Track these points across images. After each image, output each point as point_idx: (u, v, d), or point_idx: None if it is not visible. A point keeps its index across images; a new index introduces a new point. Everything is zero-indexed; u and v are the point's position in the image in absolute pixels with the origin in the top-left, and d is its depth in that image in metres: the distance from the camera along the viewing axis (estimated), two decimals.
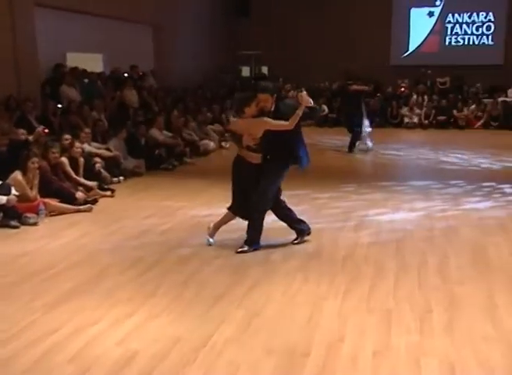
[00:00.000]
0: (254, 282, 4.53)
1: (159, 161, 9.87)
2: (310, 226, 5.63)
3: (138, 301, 4.17)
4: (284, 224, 5.57)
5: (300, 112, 5.03)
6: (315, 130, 15.71)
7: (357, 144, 11.96)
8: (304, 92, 5.28)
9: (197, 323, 3.82)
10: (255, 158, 5.17)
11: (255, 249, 5.29)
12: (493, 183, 8.51)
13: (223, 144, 12.35)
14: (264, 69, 20.51)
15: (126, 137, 9.56)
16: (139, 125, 10.13)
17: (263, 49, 19.10)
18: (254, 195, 5.19)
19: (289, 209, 5.52)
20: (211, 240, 5.49)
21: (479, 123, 16.52)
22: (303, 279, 4.62)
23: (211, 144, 11.94)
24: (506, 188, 8.21)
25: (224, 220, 5.49)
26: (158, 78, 14.46)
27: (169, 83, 14.76)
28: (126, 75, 13.25)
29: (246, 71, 20.47)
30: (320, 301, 4.17)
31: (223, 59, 19.02)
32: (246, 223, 5.38)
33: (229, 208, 5.44)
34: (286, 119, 5.05)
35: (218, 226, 5.50)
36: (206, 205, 7.19)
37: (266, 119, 5.07)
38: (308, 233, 5.60)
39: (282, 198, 5.49)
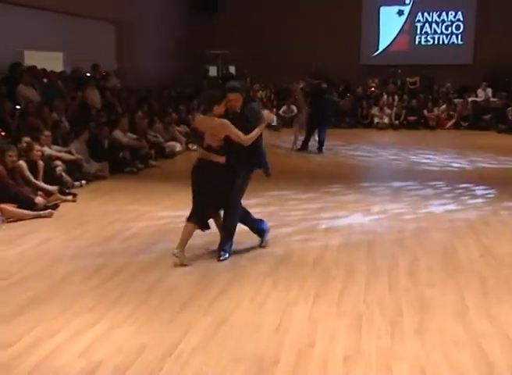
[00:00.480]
0: (222, 288, 4.53)
1: (123, 164, 9.78)
2: (277, 228, 5.65)
3: (101, 310, 4.12)
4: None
5: (259, 131, 5.04)
6: (284, 131, 15.83)
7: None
8: (266, 111, 5.22)
9: (162, 331, 3.79)
10: (220, 158, 5.07)
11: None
12: (464, 185, 8.70)
13: (190, 146, 12.31)
14: (232, 69, 20.56)
15: (88, 139, 9.44)
16: (102, 126, 10.03)
17: (230, 48, 19.11)
18: (226, 202, 5.14)
19: (247, 211, 5.50)
20: (185, 263, 5.06)
21: (450, 124, 16.87)
22: (272, 284, 4.62)
23: (178, 146, 11.89)
24: (477, 189, 8.41)
25: (186, 236, 5.10)
26: (121, 78, 14.34)
27: (133, 83, 14.67)
28: (88, 74, 13.10)
29: (213, 71, 20.49)
30: (289, 306, 4.18)
31: (190, 59, 18.98)
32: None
33: (188, 219, 5.18)
34: (248, 125, 4.99)
35: (184, 243, 5.09)
36: (172, 209, 7.15)
37: (227, 123, 4.97)
38: (267, 231, 5.61)
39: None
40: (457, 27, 19.59)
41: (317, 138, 12.27)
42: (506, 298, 4.35)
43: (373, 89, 18.53)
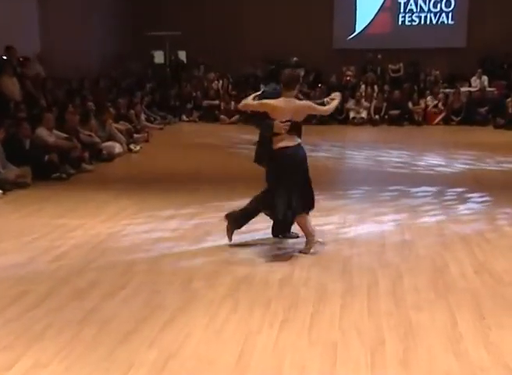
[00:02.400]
0: (170, 316, 4.53)
1: (50, 168, 9.68)
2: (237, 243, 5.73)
3: (21, 346, 4.07)
4: (205, 244, 5.63)
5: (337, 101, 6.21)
6: (245, 128, 15.92)
7: None
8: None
9: (98, 369, 3.77)
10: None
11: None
12: (456, 190, 8.89)
13: (132, 146, 12.27)
14: (182, 55, 20.54)
15: (5, 138, 9.32)
16: (21, 123, 9.90)
17: (180, 30, 19.03)
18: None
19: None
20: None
21: (439, 118, 17.17)
22: (231, 308, 4.65)
23: (117, 147, 11.84)
24: (471, 195, 8.59)
25: (307, 225, 6.00)
26: (46, 64, 14.17)
27: (61, 71, 14.52)
28: (4, 58, 12.78)
29: (159, 57, 20.40)
30: (252, 334, 4.22)
31: (130, 42, 18.89)
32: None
33: (298, 213, 5.89)
34: None
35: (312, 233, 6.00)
36: (111, 221, 7.13)
37: (311, 103, 6.07)
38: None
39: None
40: (448, 4, 19.96)
41: None
42: (506, 322, 4.45)
43: (349, 78, 18.78)
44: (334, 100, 6.16)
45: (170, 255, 5.96)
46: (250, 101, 5.95)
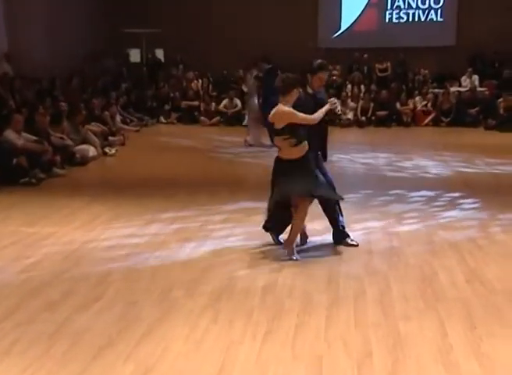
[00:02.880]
0: (148, 327, 4.52)
1: (18, 173, 9.61)
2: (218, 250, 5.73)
3: None
4: (184, 251, 5.61)
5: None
6: (226, 130, 15.93)
7: None
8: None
9: None
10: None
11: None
12: (446, 195, 8.94)
13: (107, 149, 12.22)
14: (160, 53, 20.49)
15: None
16: None
17: (158, 27, 18.99)
18: None
19: None
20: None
21: (428, 119, 17.26)
22: (211, 319, 4.65)
23: (91, 151, 11.77)
24: (462, 200, 8.63)
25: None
26: (14, 64, 14.09)
27: (31, 70, 14.43)
28: None
29: (135, 55, 20.36)
30: (233, 346, 4.22)
31: (105, 39, 18.82)
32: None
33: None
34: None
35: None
36: (84, 228, 7.10)
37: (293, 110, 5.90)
38: None
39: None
40: (436, 1, 20.12)
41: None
42: (498, 332, 4.48)
43: (334, 78, 18.82)
44: (322, 107, 6.08)
45: (147, 264, 5.95)
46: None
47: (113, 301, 5.06)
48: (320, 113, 5.98)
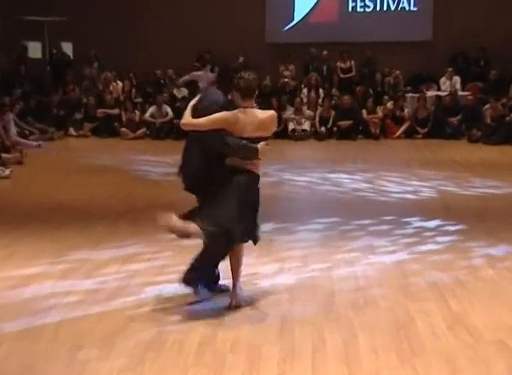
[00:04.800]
0: None
1: None
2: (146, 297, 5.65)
3: None
4: (99, 297, 5.58)
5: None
6: (152, 144, 15.87)
7: None
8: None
9: None
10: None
11: None
12: (422, 222, 9.05)
13: (0, 169, 12.04)
14: (68, 48, 20.28)
15: None
16: None
17: (65, 14, 18.79)
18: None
19: None
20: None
21: (401, 130, 17.45)
22: None
23: None
24: (442, 228, 8.76)
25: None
26: None
27: None
28: None
29: (35, 50, 20.09)
30: None
31: None
32: None
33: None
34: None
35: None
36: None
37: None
38: None
39: None
40: None
41: None
42: None
43: (286, 80, 18.93)
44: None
45: (50, 316, 5.81)
46: (195, 120, 5.79)
47: (3, 365, 4.91)
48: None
